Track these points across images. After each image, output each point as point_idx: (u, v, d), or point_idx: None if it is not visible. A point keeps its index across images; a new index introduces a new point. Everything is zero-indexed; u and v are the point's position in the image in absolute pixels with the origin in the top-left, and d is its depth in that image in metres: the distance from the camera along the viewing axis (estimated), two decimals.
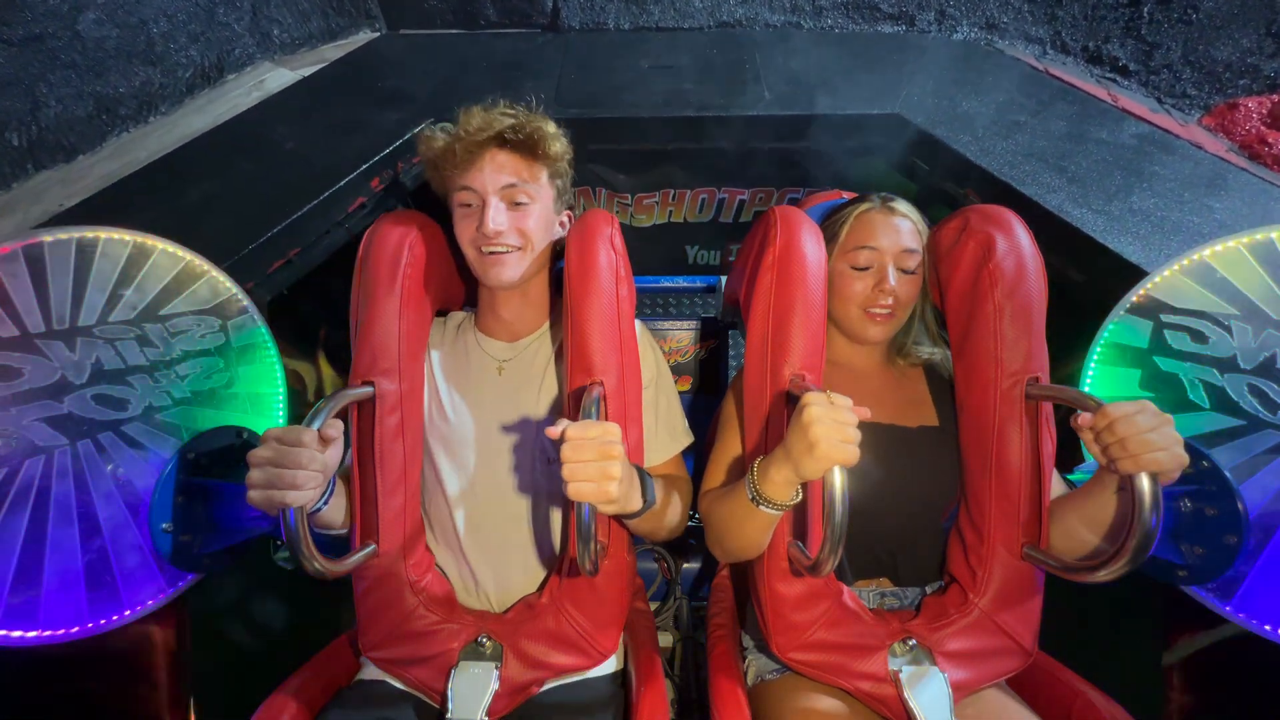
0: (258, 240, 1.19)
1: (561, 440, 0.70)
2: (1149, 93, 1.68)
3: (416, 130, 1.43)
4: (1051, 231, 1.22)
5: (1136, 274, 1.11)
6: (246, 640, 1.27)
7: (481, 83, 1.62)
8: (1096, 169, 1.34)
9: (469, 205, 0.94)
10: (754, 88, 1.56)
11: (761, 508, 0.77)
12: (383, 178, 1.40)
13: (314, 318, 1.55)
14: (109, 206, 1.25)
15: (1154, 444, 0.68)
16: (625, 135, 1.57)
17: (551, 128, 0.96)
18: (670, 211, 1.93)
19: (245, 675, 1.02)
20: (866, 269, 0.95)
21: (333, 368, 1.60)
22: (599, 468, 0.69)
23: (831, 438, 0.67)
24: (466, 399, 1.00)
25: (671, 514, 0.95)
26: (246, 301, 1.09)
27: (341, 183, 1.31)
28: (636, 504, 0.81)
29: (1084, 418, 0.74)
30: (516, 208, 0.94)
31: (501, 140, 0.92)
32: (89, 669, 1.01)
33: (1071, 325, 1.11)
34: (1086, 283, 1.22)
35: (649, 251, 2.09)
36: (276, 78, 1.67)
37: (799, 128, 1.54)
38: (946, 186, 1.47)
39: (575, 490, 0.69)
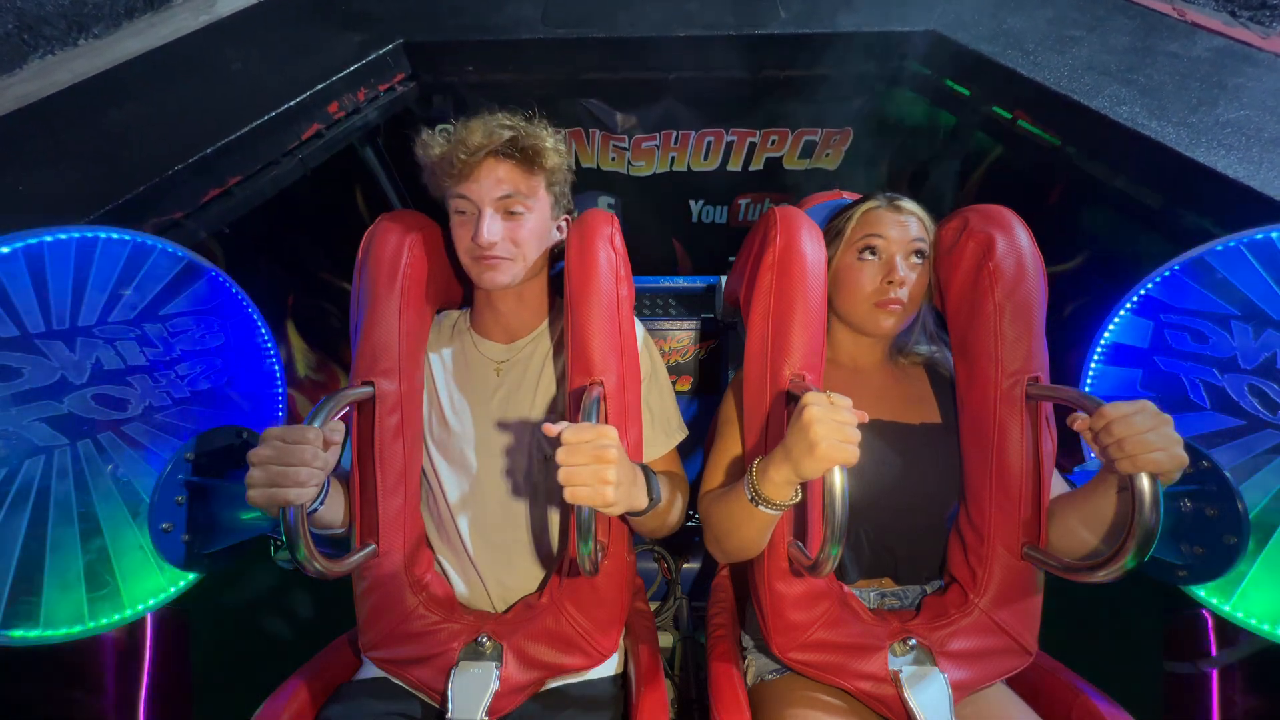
0: (186, 161, 1.03)
1: (558, 442, 0.70)
2: (1220, 6, 1.51)
3: (383, 51, 1.32)
4: (1123, 148, 1.09)
5: (1232, 190, 0.98)
6: (246, 640, 1.27)
7: (459, 4, 1.50)
8: (1171, 82, 1.18)
9: (464, 213, 0.94)
10: (767, 5, 1.43)
11: (761, 508, 0.77)
12: (343, 104, 1.27)
13: (280, 282, 1.44)
14: (19, 128, 1.14)
15: (1152, 444, 0.68)
16: (621, 61, 1.44)
17: (550, 140, 0.96)
18: (673, 157, 1.74)
19: (245, 675, 1.01)
20: (875, 259, 0.94)
21: (303, 339, 1.48)
22: (594, 471, 0.69)
23: (832, 438, 0.67)
24: (465, 400, 1.00)
25: (673, 511, 0.96)
26: (247, 301, 1.09)
27: (291, 103, 1.17)
28: (642, 502, 0.81)
29: (1080, 420, 0.75)
30: (511, 217, 0.94)
31: (499, 153, 0.91)
32: (24, 671, 0.96)
33: (1144, 262, 1.02)
34: (1165, 208, 1.08)
35: (648, 206, 1.90)
36: (229, 1, 1.54)
37: (819, 50, 1.40)
38: (992, 113, 1.34)
39: (571, 494, 0.69)
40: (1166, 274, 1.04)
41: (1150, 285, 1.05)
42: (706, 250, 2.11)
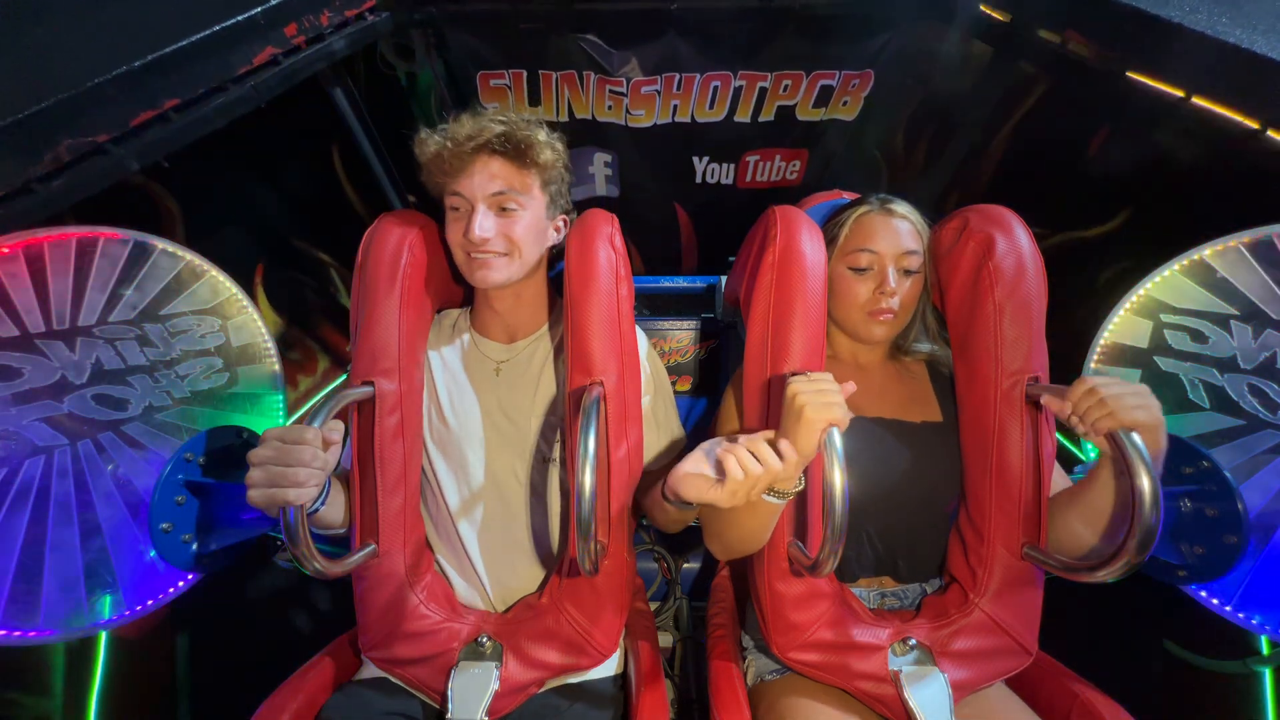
0: (109, 74, 0.89)
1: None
2: None
3: None
4: (1204, 62, 0.96)
5: None
6: (247, 640, 1.27)
7: None
8: None
9: (457, 209, 0.94)
10: None
11: (765, 497, 0.77)
12: (302, 27, 1.13)
13: (248, 247, 1.32)
14: None
15: (1133, 402, 0.72)
16: None
17: (542, 136, 0.95)
18: (675, 105, 1.57)
19: (245, 675, 1.01)
20: (867, 271, 0.95)
21: (276, 312, 1.37)
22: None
23: (816, 401, 0.71)
24: (464, 399, 1.00)
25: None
26: (247, 302, 1.09)
27: (239, 17, 1.03)
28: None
29: (1057, 403, 0.77)
30: (504, 214, 0.94)
31: (491, 148, 0.91)
32: None
33: (1215, 209, 0.93)
34: (1257, 134, 0.93)
35: (647, 164, 1.74)
36: None
37: None
38: (1037, 39, 1.20)
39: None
40: (1166, 274, 1.04)
41: (1150, 285, 1.05)
42: (711, 216, 1.95)
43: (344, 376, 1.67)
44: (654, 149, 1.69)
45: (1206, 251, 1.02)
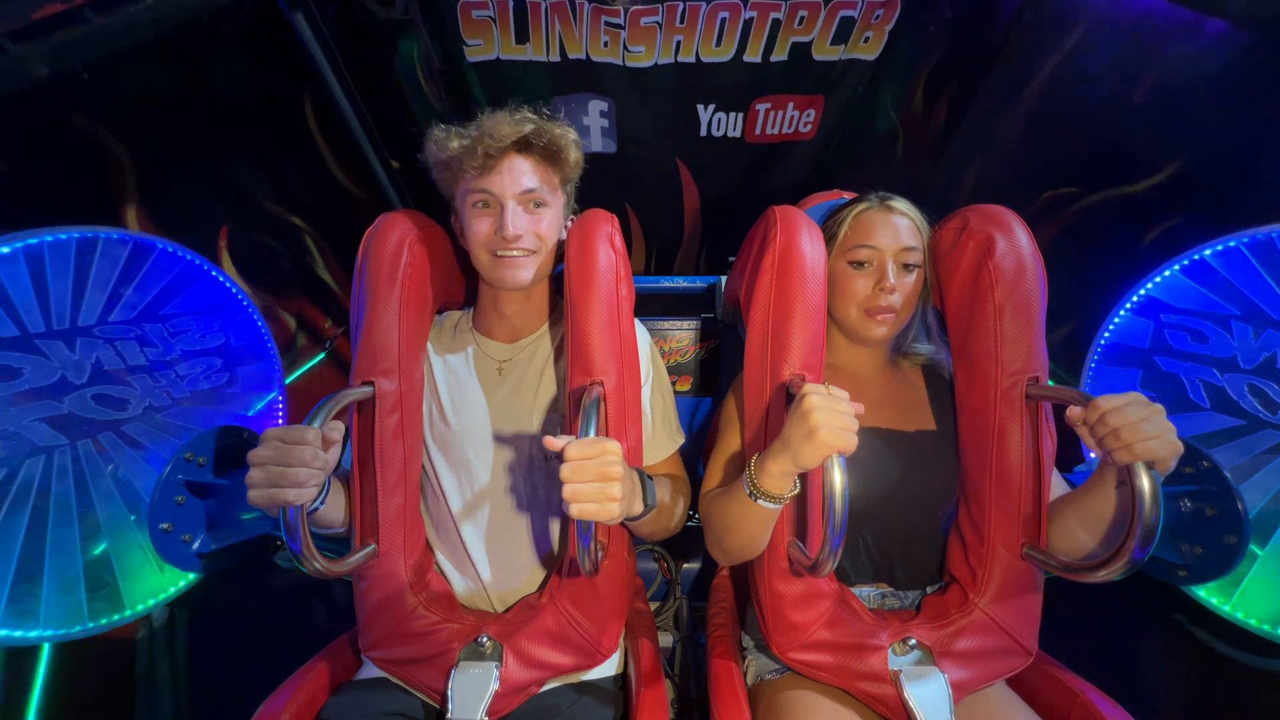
0: None
1: (561, 459, 0.70)
2: None
3: None
4: None
5: None
6: (247, 640, 1.27)
7: None
8: None
9: (485, 206, 0.94)
10: None
11: (760, 502, 0.77)
12: None
13: (210, 205, 1.21)
14: None
15: (1147, 432, 0.69)
16: None
17: (572, 135, 0.97)
18: (678, 42, 1.43)
19: (245, 675, 1.01)
20: (866, 266, 0.95)
21: (245, 281, 1.26)
22: (600, 489, 0.69)
23: (831, 425, 0.68)
24: (466, 399, 1.00)
25: (673, 512, 0.96)
26: (247, 301, 1.09)
27: None
28: (637, 509, 0.82)
29: (1074, 411, 0.75)
30: (534, 211, 0.95)
31: (524, 145, 0.93)
32: None
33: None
34: None
35: (647, 114, 1.58)
36: None
37: None
38: None
39: (578, 510, 0.69)
40: (1166, 274, 1.04)
41: (1150, 285, 1.05)
42: (716, 175, 1.80)
43: (322, 355, 1.63)
44: (655, 94, 1.54)
45: (1206, 252, 1.02)
